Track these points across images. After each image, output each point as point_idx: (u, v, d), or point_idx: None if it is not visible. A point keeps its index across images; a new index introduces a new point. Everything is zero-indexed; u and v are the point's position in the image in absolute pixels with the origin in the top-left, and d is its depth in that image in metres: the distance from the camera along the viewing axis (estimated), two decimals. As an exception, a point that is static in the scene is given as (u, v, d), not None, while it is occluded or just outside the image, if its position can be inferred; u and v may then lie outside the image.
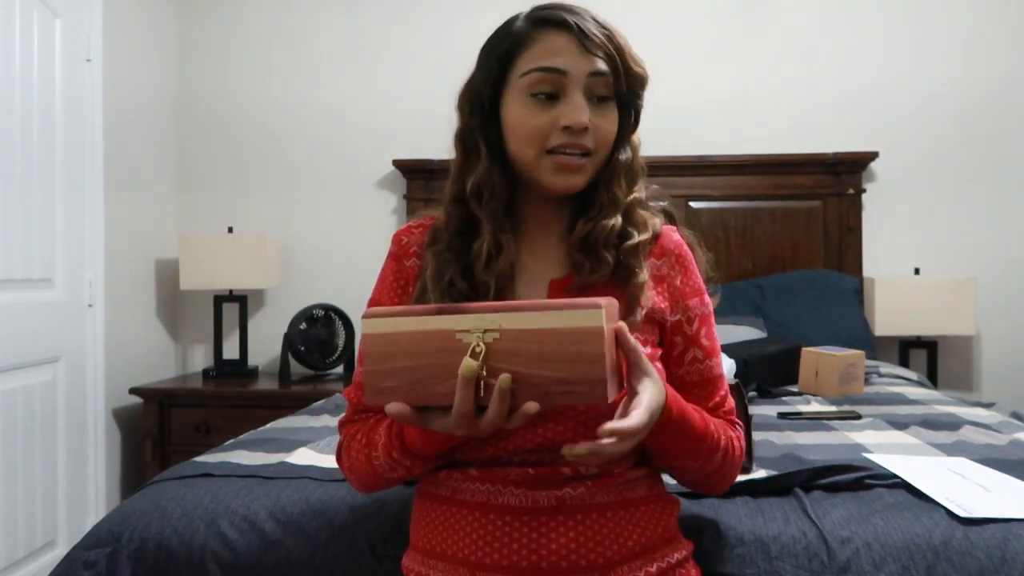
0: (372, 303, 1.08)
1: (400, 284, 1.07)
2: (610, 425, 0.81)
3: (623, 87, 0.99)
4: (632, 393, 0.86)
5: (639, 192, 1.06)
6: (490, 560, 0.94)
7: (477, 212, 1.01)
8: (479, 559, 0.94)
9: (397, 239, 1.10)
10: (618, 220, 1.02)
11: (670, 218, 1.12)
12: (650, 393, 0.86)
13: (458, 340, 0.83)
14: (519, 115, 0.98)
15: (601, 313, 0.81)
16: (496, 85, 1.01)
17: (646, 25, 3.24)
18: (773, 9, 3.25)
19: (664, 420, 0.90)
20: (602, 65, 0.97)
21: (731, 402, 1.08)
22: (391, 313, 0.87)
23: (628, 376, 0.87)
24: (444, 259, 1.01)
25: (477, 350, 0.82)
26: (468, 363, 0.81)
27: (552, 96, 0.97)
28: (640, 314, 0.99)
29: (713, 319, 1.08)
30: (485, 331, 0.82)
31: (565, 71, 0.96)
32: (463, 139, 1.04)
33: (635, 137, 1.06)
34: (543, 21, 0.99)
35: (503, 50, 1.00)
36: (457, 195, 1.04)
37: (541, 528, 0.94)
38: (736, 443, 1.04)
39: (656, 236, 1.06)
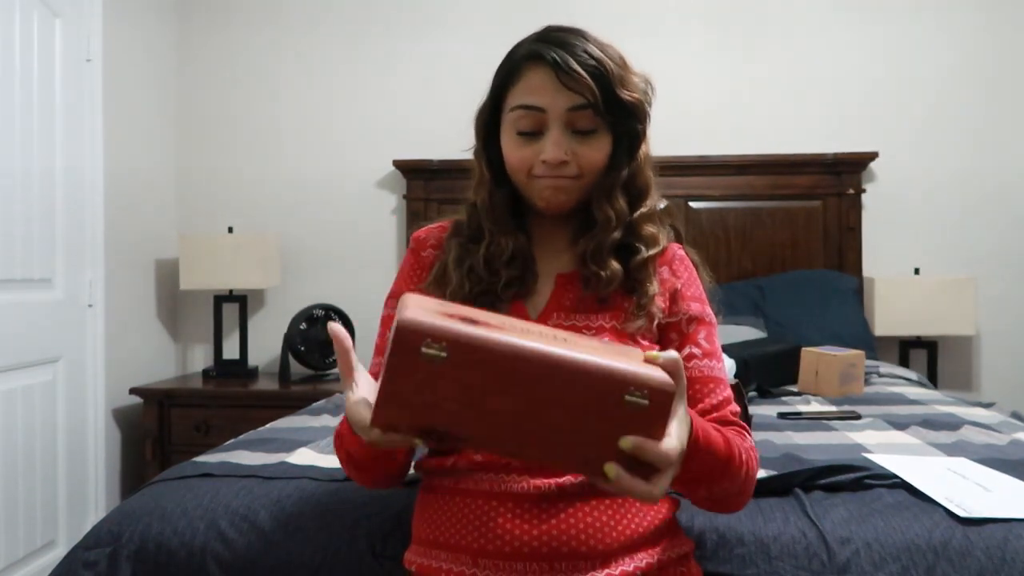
0: (392, 296, 1.14)
1: (416, 273, 1.14)
2: (633, 440, 0.73)
3: (609, 117, 1.01)
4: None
5: (647, 207, 1.09)
6: (492, 547, 0.95)
7: (483, 221, 1.10)
8: (481, 546, 0.95)
9: (416, 236, 1.18)
10: (617, 236, 1.06)
11: (676, 235, 1.16)
12: (679, 420, 0.79)
13: None
14: (508, 147, 1.06)
15: None
16: (494, 113, 1.09)
17: (646, 25, 3.25)
18: (773, 9, 3.25)
19: (692, 449, 0.84)
20: (580, 100, 1.00)
21: (735, 406, 1.06)
22: None
23: None
24: (466, 249, 1.10)
25: None
26: None
27: (535, 133, 1.03)
28: (653, 325, 1.04)
29: (715, 329, 1.10)
30: None
31: (543, 108, 1.02)
32: (475, 157, 1.14)
33: (642, 153, 1.08)
34: (530, 55, 1.03)
35: (498, 83, 1.08)
36: (472, 203, 1.13)
37: (543, 515, 0.95)
38: (753, 456, 0.99)
39: (663, 250, 1.10)
